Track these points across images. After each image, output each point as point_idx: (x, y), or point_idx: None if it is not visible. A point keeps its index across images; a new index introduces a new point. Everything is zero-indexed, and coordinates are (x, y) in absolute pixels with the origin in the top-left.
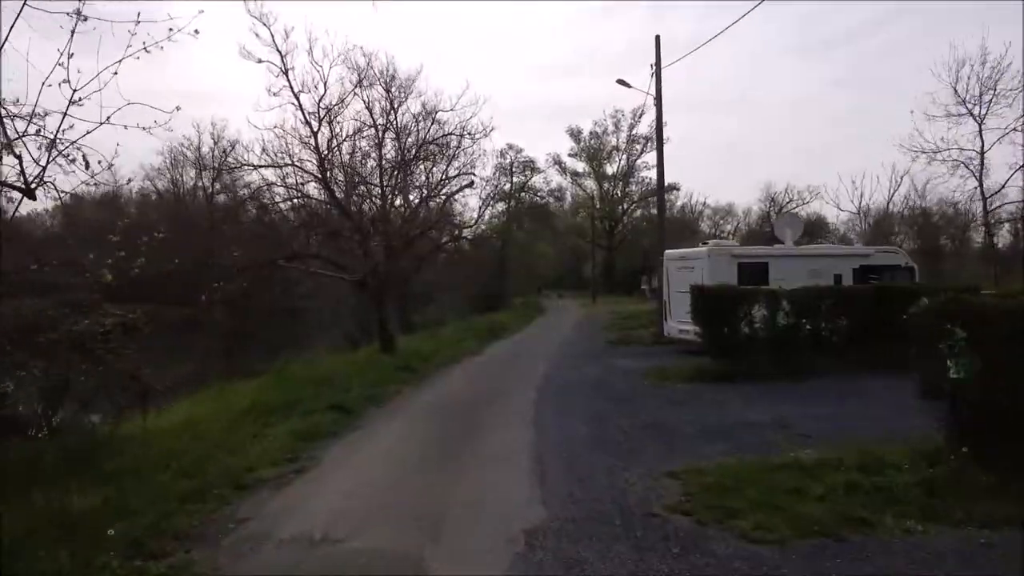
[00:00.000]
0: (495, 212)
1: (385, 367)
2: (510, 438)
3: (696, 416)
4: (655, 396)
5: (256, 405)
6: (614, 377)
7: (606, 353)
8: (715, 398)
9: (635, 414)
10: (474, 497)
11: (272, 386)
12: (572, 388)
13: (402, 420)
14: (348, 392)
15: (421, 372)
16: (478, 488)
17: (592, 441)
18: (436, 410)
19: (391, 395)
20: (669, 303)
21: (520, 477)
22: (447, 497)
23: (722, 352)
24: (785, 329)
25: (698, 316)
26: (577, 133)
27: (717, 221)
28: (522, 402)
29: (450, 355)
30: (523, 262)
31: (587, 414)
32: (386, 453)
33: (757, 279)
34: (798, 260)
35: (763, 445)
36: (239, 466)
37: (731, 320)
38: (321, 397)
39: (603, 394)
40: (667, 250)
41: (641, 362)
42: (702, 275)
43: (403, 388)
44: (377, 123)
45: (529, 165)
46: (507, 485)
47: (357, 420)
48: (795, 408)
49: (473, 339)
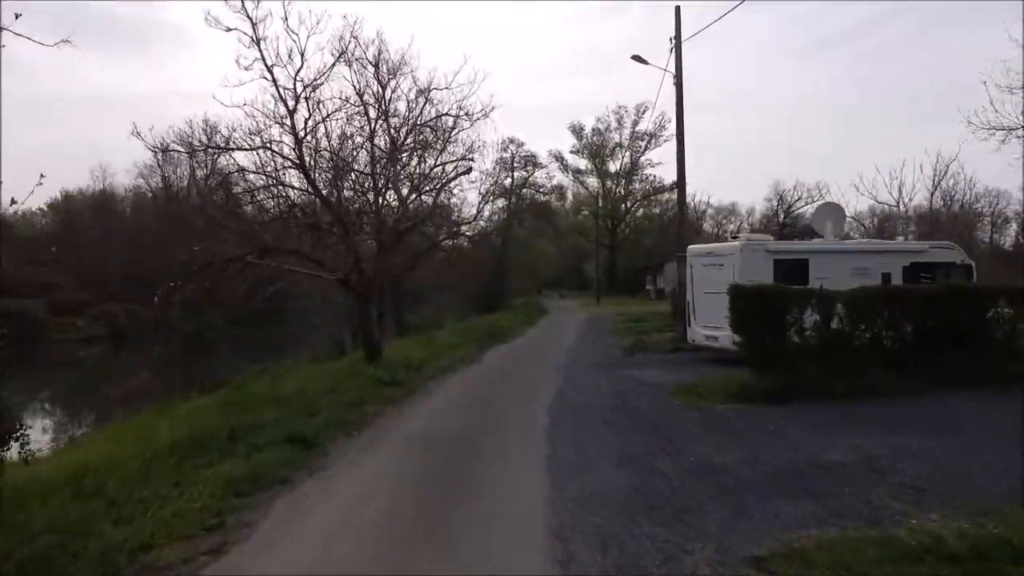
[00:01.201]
0: (495, 208)
1: (367, 380)
2: (517, 492)
3: (755, 453)
4: (694, 422)
5: (191, 437)
6: (638, 394)
7: (621, 362)
8: (770, 425)
9: (676, 450)
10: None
11: (222, 408)
12: (590, 411)
13: (375, 462)
14: (314, 416)
15: (409, 386)
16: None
17: (629, 497)
18: (421, 445)
19: (367, 420)
20: (693, 305)
21: (535, 564)
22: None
23: (766, 364)
24: (840, 337)
25: (737, 321)
26: (579, 129)
27: (720, 221)
28: (530, 432)
29: (444, 364)
30: (523, 261)
31: (615, 451)
32: (345, 518)
33: (796, 278)
34: (842, 256)
35: (864, 504)
36: (131, 543)
37: (777, 326)
38: (280, 423)
39: (629, 419)
40: (691, 245)
41: (665, 374)
42: (733, 273)
43: (384, 409)
44: (365, 100)
45: (531, 160)
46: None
47: (318, 459)
48: (878, 442)
49: (471, 344)
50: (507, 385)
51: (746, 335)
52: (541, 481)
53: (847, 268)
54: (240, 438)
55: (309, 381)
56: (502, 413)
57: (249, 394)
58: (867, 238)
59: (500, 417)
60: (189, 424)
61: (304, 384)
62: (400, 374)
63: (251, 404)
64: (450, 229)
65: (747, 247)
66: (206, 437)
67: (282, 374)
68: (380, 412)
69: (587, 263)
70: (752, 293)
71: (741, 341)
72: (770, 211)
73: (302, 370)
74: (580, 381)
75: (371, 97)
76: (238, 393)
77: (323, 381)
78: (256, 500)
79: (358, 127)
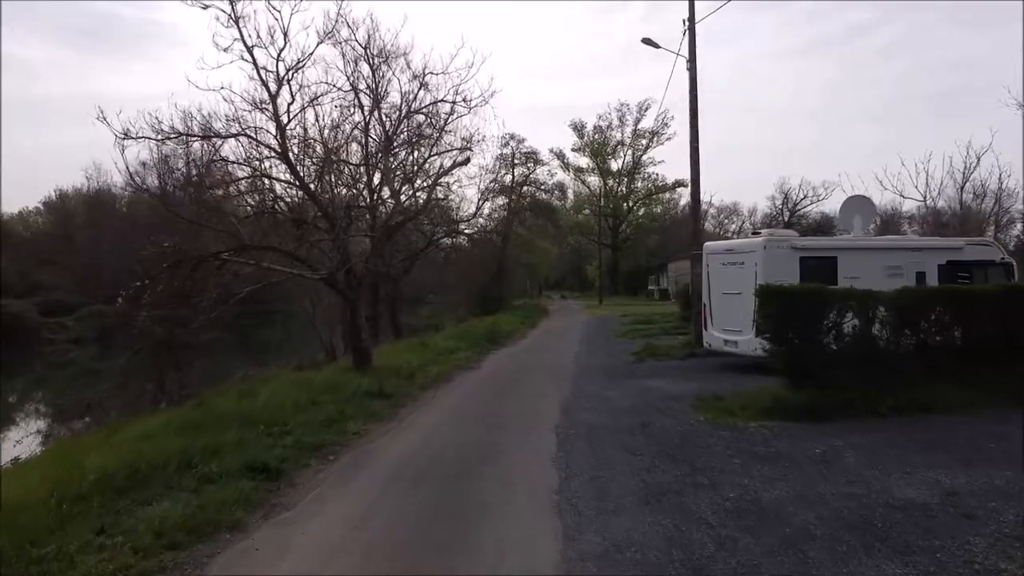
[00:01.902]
0: (495, 206)
1: (352, 391)
2: (522, 547)
3: (809, 488)
4: (726, 445)
5: (134, 465)
6: (656, 409)
7: (632, 370)
8: (817, 450)
9: (712, 483)
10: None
11: (178, 428)
12: (603, 431)
13: (348, 501)
14: (285, 436)
15: (398, 398)
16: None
17: (663, 554)
18: (406, 477)
19: (347, 442)
20: (710, 307)
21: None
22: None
23: (802, 375)
24: (884, 344)
25: (769, 326)
26: (581, 127)
27: (722, 220)
28: (535, 462)
29: (440, 371)
30: (524, 261)
31: (638, 485)
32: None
33: (823, 277)
34: (873, 254)
35: (967, 567)
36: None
37: (815, 332)
38: (242, 446)
39: (649, 441)
40: (708, 242)
41: (682, 384)
42: (755, 272)
43: (368, 428)
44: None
45: (532, 157)
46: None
47: (280, 494)
48: (955, 474)
49: (469, 348)
50: (508, 398)
51: (779, 342)
52: (551, 529)
53: (879, 267)
54: (192, 467)
55: (286, 393)
56: (502, 435)
57: (212, 411)
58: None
59: (500, 440)
60: (135, 449)
61: (280, 397)
62: (390, 384)
63: (213, 423)
64: (448, 227)
65: (771, 243)
66: (152, 466)
67: (258, 385)
68: (363, 431)
69: (588, 263)
70: (786, 294)
71: (773, 349)
72: (774, 210)
73: (281, 380)
74: (589, 393)
75: (362, 83)
76: (200, 410)
77: (302, 393)
78: (192, 555)
79: (347, 115)
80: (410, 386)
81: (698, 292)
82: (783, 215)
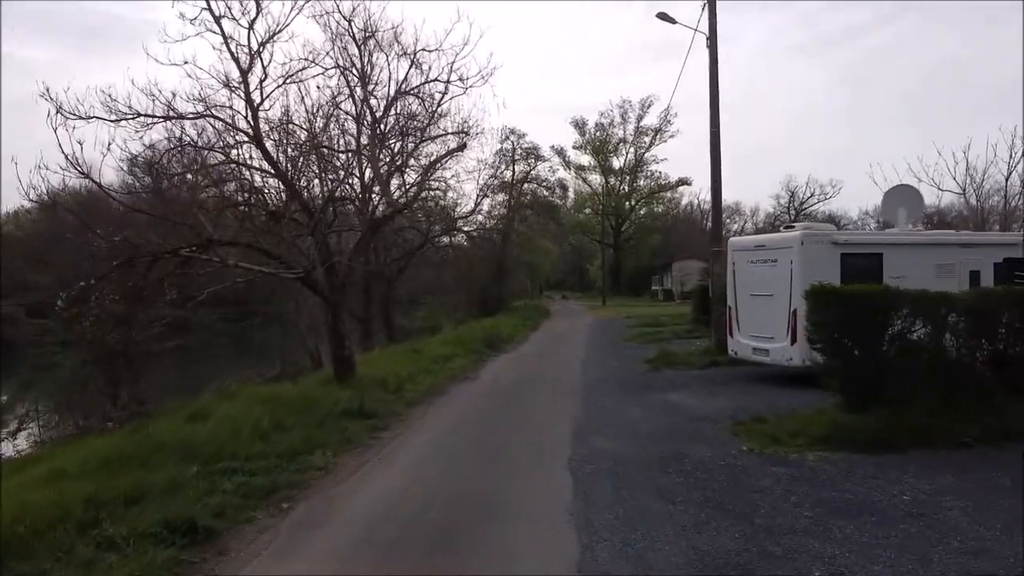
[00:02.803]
0: (495, 203)
1: (327, 410)
2: None
3: (920, 564)
4: (789, 490)
5: (14, 522)
6: (687, 434)
7: (649, 381)
8: (905, 497)
9: (787, 554)
10: None
11: (101, 462)
12: (629, 465)
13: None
14: (231, 476)
15: (381, 418)
16: None
17: None
18: (375, 544)
19: (309, 482)
20: (736, 311)
21: None
22: None
23: (863, 394)
24: (958, 356)
25: (823, 334)
26: (582, 124)
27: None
28: (545, 515)
29: (432, 383)
30: (524, 260)
31: (688, 557)
32: None
33: (867, 275)
34: (922, 250)
35: None
36: None
37: (878, 342)
38: (172, 491)
39: (690, 483)
40: (734, 238)
41: (710, 399)
42: (790, 271)
43: (337, 462)
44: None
45: (533, 152)
46: None
47: (202, 570)
48: None
49: (466, 354)
50: (509, 418)
51: (835, 354)
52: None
53: (928, 264)
54: (97, 524)
55: (246, 414)
56: (503, 473)
57: (149, 439)
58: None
59: (500, 482)
60: (31, 497)
61: (237, 419)
62: (374, 399)
63: (145, 456)
64: (446, 224)
65: (809, 238)
66: (45, 523)
67: (215, 403)
68: (331, 466)
69: (589, 263)
70: (846, 297)
71: (832, 363)
72: (777, 209)
73: (245, 395)
74: (605, 412)
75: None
76: (135, 438)
77: (266, 413)
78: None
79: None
80: (396, 402)
81: (719, 293)
82: (789, 213)
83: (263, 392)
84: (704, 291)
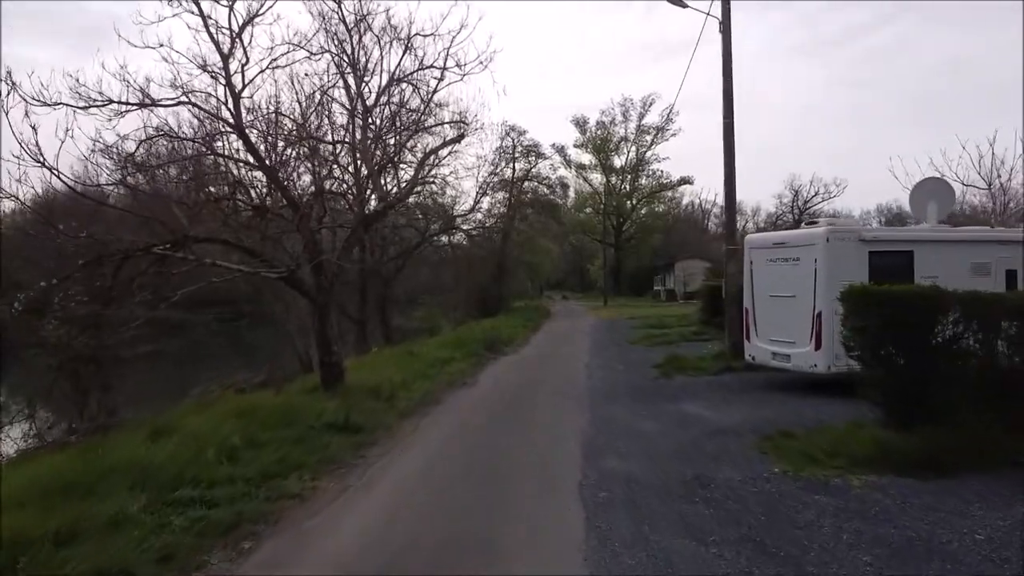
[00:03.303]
0: (495, 201)
1: (310, 422)
2: None
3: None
4: (837, 523)
5: None
6: (709, 453)
7: (660, 389)
8: (978, 535)
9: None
10: None
11: (43, 491)
12: (649, 492)
13: None
14: (187, 509)
15: (369, 432)
16: None
17: None
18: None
19: (277, 515)
20: (754, 313)
21: None
22: None
23: (910, 408)
24: (1010, 364)
25: (864, 341)
26: (583, 123)
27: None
28: (555, 557)
29: (427, 389)
30: (525, 260)
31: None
32: None
33: (896, 275)
34: (955, 248)
35: None
36: None
37: (926, 350)
38: (114, 529)
39: (720, 514)
40: (751, 234)
41: (729, 410)
42: (814, 270)
43: (315, 487)
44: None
45: (533, 150)
46: None
47: None
48: None
49: (464, 357)
50: (510, 432)
51: (877, 363)
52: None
53: (963, 263)
54: (15, 572)
55: (216, 429)
56: (503, 502)
57: (102, 461)
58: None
59: (500, 514)
60: None
61: (205, 435)
62: (362, 409)
63: (93, 483)
64: (444, 222)
65: (834, 235)
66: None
67: (184, 416)
68: (307, 492)
69: (590, 263)
70: (890, 299)
71: (868, 372)
72: (779, 208)
73: (221, 407)
74: (615, 425)
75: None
76: (85, 458)
77: (240, 428)
78: None
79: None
80: (388, 412)
81: (733, 294)
82: (793, 212)
83: (240, 403)
84: (713, 291)
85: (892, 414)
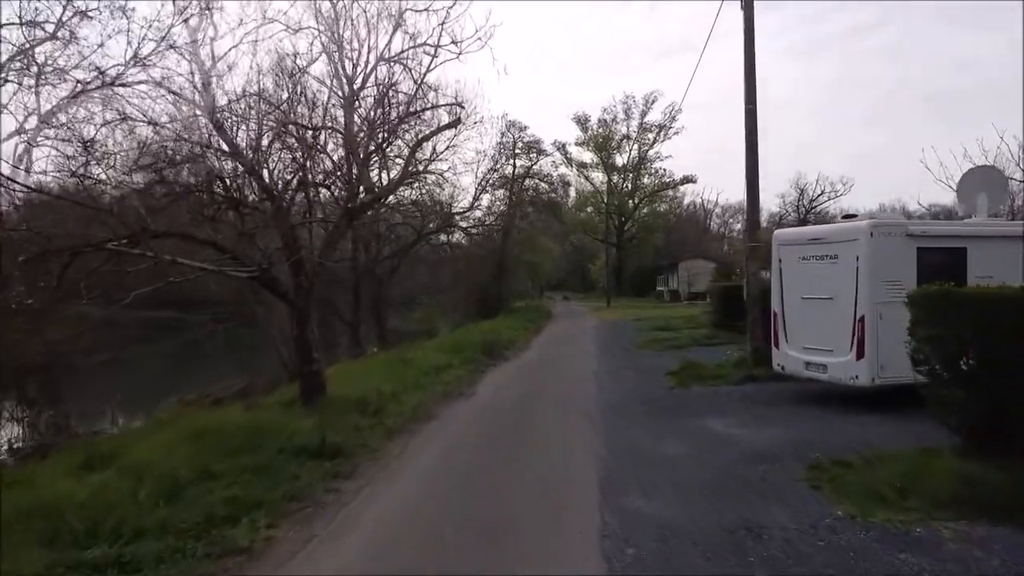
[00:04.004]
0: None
1: (280, 445)
2: None
3: None
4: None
5: None
6: (752, 487)
7: (679, 402)
8: None
9: None
10: None
11: None
12: (687, 547)
13: None
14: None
15: (348, 457)
16: None
17: None
18: None
19: None
20: (783, 318)
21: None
22: None
23: (999, 436)
24: None
25: (938, 352)
26: (584, 120)
27: (726, 220)
28: None
29: (419, 402)
30: (525, 259)
31: None
32: None
33: (947, 275)
34: (1012, 244)
35: None
36: None
37: (1014, 365)
38: None
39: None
40: (780, 230)
41: (759, 427)
42: (855, 268)
43: (270, 536)
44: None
45: (534, 147)
46: None
47: None
48: None
49: (462, 363)
50: (512, 461)
51: (955, 380)
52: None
53: (1019, 261)
54: None
55: (163, 457)
56: (505, 567)
57: (9, 504)
58: None
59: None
60: None
61: (145, 467)
62: (343, 427)
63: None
64: (442, 220)
65: (878, 229)
66: None
67: (129, 439)
68: (259, 545)
69: (591, 263)
70: (972, 302)
71: (943, 391)
72: (783, 208)
73: (176, 427)
74: (634, 448)
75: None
76: None
77: (193, 454)
78: None
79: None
80: (373, 431)
81: (755, 295)
82: (799, 211)
83: (201, 421)
84: (726, 292)
85: (972, 441)
